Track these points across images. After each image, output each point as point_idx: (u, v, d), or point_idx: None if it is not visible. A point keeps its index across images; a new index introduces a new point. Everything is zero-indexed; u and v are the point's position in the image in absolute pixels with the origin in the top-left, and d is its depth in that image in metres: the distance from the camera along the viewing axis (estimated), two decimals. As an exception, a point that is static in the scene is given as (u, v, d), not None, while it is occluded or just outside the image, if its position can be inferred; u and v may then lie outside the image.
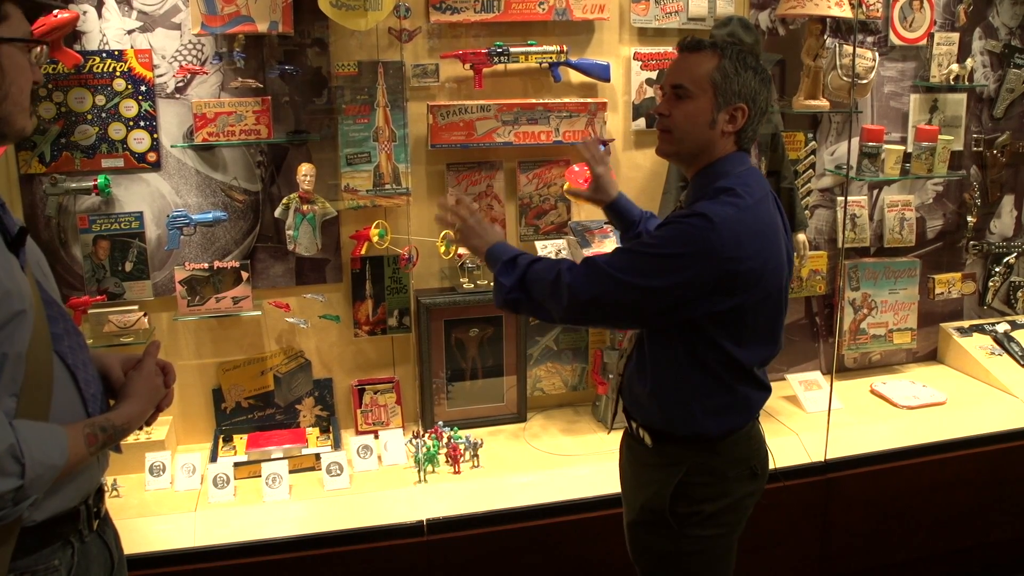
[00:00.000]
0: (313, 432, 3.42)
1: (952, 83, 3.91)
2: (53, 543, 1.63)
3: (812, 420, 3.58)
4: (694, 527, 2.22)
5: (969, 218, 4.18)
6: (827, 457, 3.35)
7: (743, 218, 2.03)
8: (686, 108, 2.12)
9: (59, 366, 1.61)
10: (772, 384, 2.32)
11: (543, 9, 3.34)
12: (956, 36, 3.91)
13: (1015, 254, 4.27)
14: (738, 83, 2.08)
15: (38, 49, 1.61)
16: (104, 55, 3.07)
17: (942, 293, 4.17)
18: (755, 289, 2.06)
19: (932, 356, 4.31)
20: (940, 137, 3.79)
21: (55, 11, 2.87)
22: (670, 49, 3.55)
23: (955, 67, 3.89)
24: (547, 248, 3.48)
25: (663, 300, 2.04)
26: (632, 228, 2.62)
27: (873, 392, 3.90)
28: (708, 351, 2.12)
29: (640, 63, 3.54)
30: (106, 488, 2.16)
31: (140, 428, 1.82)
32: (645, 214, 2.65)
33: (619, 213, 2.64)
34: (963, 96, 4.05)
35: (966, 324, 4.29)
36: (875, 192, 4.02)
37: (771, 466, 2.37)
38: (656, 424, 2.26)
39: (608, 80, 3.47)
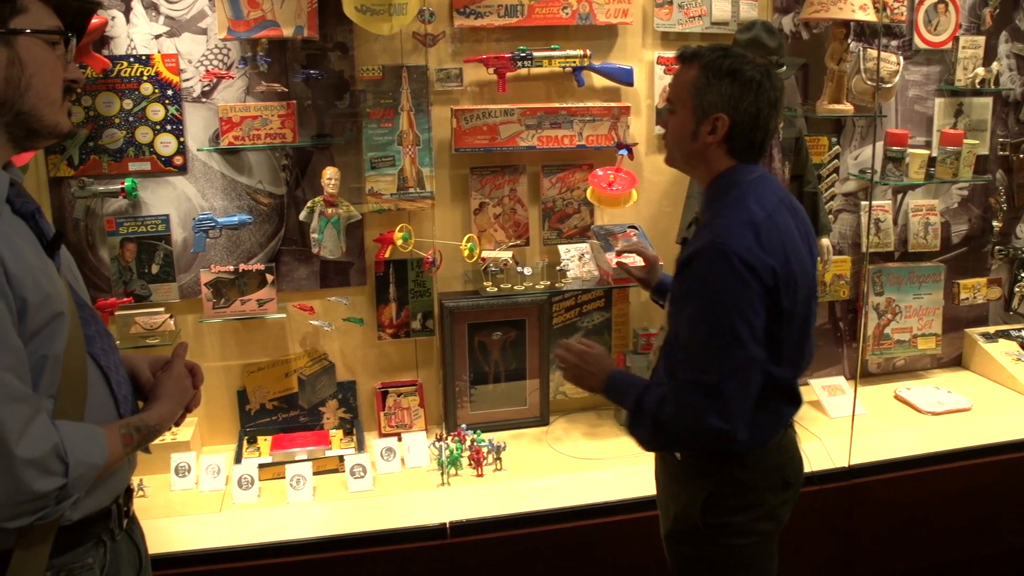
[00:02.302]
0: (337, 434, 3.44)
1: (978, 87, 3.89)
2: (87, 542, 1.65)
3: (836, 425, 3.57)
4: (727, 537, 2.18)
5: (995, 223, 4.15)
6: (851, 463, 3.34)
7: (759, 236, 1.99)
8: (673, 121, 2.15)
9: (93, 368, 1.64)
10: None
11: (566, 13, 3.35)
12: (982, 39, 3.89)
13: (1041, 259, 4.25)
14: (713, 92, 2.04)
15: (65, 45, 1.61)
16: (132, 60, 3.10)
17: (967, 298, 4.14)
18: (789, 301, 2.03)
19: (957, 362, 4.28)
20: (965, 141, 3.77)
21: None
22: (693, 53, 3.55)
23: (981, 71, 3.87)
24: (570, 252, 3.49)
25: (755, 349, 1.98)
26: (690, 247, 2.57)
27: (897, 398, 3.88)
28: None
29: (663, 67, 3.54)
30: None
31: (169, 428, 1.84)
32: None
33: (661, 290, 2.58)
34: (989, 100, 4.02)
35: (991, 330, 4.26)
36: (899, 196, 4.01)
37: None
38: None
39: (631, 84, 3.47)
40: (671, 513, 2.29)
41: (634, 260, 2.68)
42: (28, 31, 1.52)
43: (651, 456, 2.39)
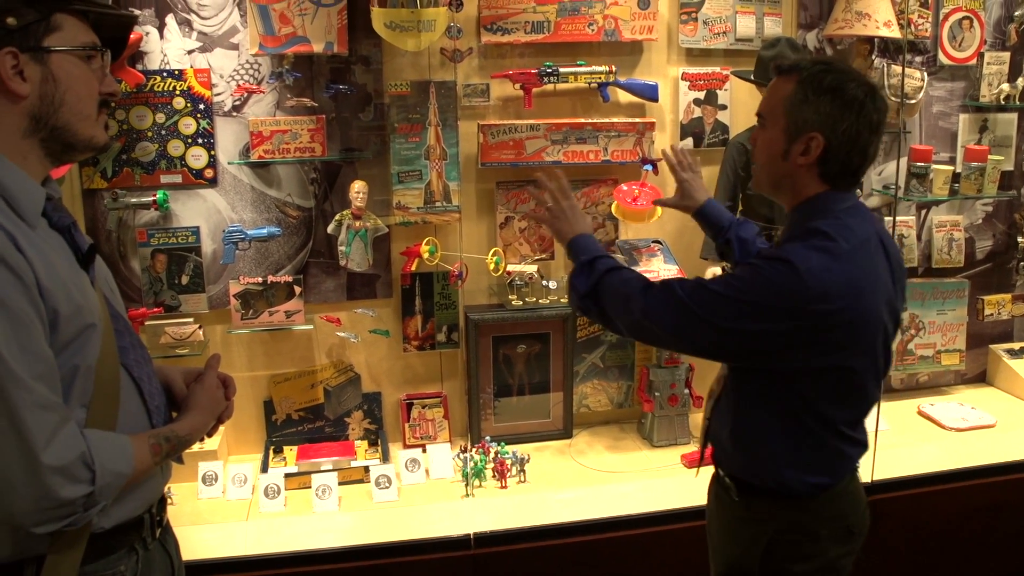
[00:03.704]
0: (362, 445, 3.47)
1: (1003, 103, 3.89)
2: (119, 550, 1.67)
3: (859, 440, 3.56)
4: None
5: (1019, 239, 4.13)
6: (873, 478, 3.33)
7: (833, 266, 1.85)
8: (763, 138, 2.01)
9: (125, 378, 1.66)
10: None
11: (592, 30, 3.38)
12: (1007, 55, 3.89)
13: (1066, 276, 4.23)
14: (810, 110, 1.89)
15: (101, 58, 1.64)
16: (165, 74, 3.15)
17: (991, 314, 4.13)
18: (847, 348, 1.90)
19: (981, 378, 4.27)
20: (990, 157, 3.76)
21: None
22: (718, 69, 3.58)
23: (1006, 86, 3.87)
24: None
25: (743, 344, 1.90)
26: (722, 235, 2.48)
27: (920, 414, 3.87)
28: (798, 404, 1.97)
29: (688, 83, 3.57)
30: (166, 497, 2.22)
31: (201, 440, 1.87)
32: (736, 220, 2.49)
33: (708, 219, 2.51)
34: (1014, 116, 4.01)
35: (1016, 346, 4.24)
36: (923, 212, 4.01)
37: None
38: (742, 475, 2.12)
39: (656, 100, 3.50)
40: (726, 558, 2.19)
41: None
42: (62, 49, 1.56)
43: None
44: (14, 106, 1.53)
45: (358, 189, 3.23)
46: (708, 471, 2.35)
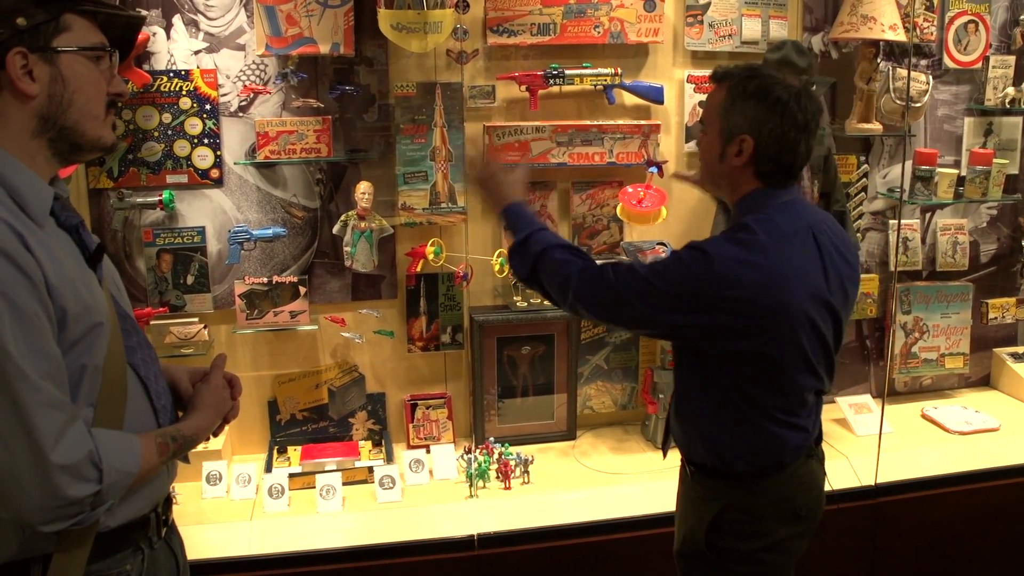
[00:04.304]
0: (366, 445, 3.48)
1: (1008, 106, 3.88)
2: (125, 549, 1.68)
3: (862, 444, 3.57)
4: (731, 563, 2.17)
5: (1024, 242, 4.15)
6: (877, 481, 3.33)
7: (748, 259, 1.96)
8: (704, 142, 2.14)
9: (132, 378, 1.67)
10: (823, 406, 2.26)
11: (598, 32, 3.38)
12: (1012, 59, 3.88)
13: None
14: (739, 113, 2.02)
15: (109, 59, 1.65)
16: (171, 75, 3.16)
17: (996, 318, 4.13)
18: (761, 336, 1.98)
19: (985, 381, 4.27)
20: (995, 161, 3.76)
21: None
22: (723, 72, 3.58)
23: (1011, 90, 3.86)
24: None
25: (664, 329, 2.10)
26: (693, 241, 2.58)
27: (924, 417, 3.88)
28: (729, 387, 2.08)
29: (693, 86, 3.57)
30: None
31: (207, 439, 1.88)
32: None
33: None
34: (1019, 119, 4.01)
35: (1020, 349, 4.24)
36: (927, 215, 4.01)
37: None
38: (693, 456, 2.25)
39: (662, 103, 3.50)
40: (683, 531, 2.29)
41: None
42: (71, 49, 1.56)
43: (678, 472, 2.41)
44: (23, 106, 1.54)
45: (363, 190, 3.24)
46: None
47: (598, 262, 2.15)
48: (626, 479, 3.34)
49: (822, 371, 2.13)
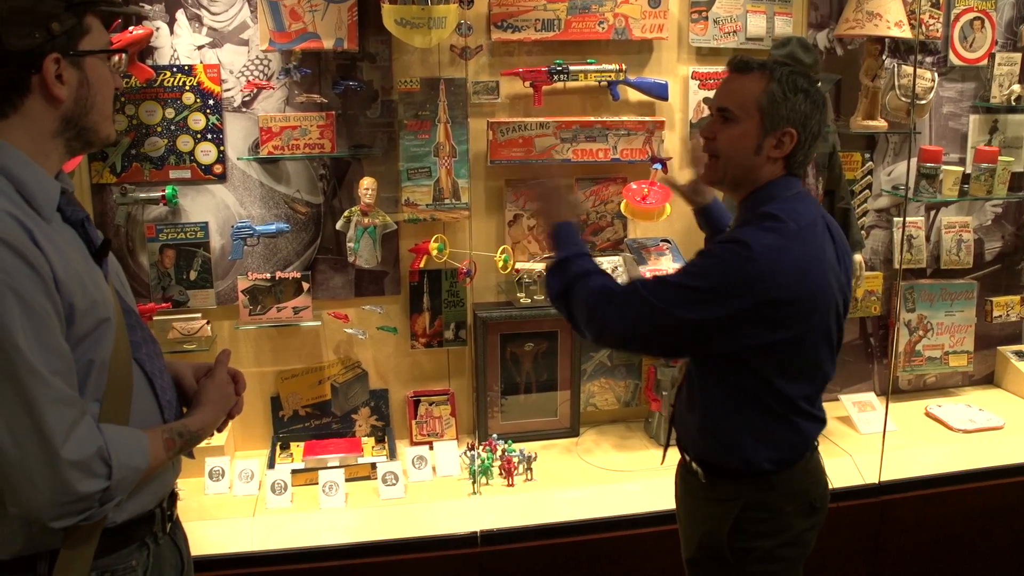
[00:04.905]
0: (368, 442, 3.47)
1: (1013, 104, 3.87)
2: (131, 544, 1.68)
3: (866, 442, 3.56)
4: (753, 563, 2.15)
5: (1029, 240, 4.14)
6: (881, 479, 3.33)
7: (786, 245, 1.96)
8: (731, 132, 2.05)
9: (138, 373, 1.67)
10: (825, 404, 2.25)
11: (603, 28, 3.37)
12: (1018, 56, 3.87)
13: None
14: (787, 107, 2.00)
15: (117, 57, 1.67)
16: (175, 70, 3.15)
17: (1000, 316, 4.12)
18: (800, 322, 1.99)
19: (989, 380, 4.26)
20: (1000, 158, 3.75)
21: (130, 28, 2.98)
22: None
23: (1016, 87, 3.85)
24: (603, 264, 3.50)
25: (700, 332, 1.98)
26: (718, 236, 2.52)
27: (928, 415, 3.87)
28: (756, 384, 2.06)
29: (698, 82, 3.56)
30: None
31: (211, 435, 1.88)
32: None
33: (709, 219, 2.56)
34: (1024, 117, 4.02)
35: (1024, 348, 4.24)
36: (932, 213, 4.00)
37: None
38: (708, 458, 2.21)
39: (666, 99, 3.49)
40: (696, 537, 2.25)
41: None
42: (94, 51, 1.57)
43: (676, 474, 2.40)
44: (52, 110, 1.55)
45: (367, 186, 3.23)
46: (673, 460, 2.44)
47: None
48: (629, 476, 3.33)
49: (835, 358, 2.17)
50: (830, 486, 2.32)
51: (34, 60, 1.50)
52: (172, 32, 3.14)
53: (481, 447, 3.36)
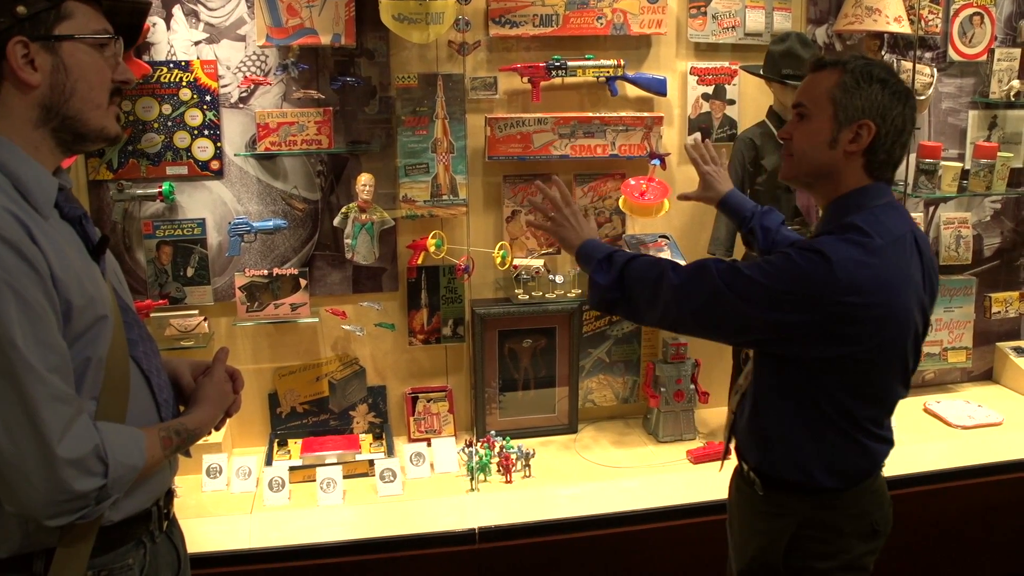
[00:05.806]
0: (366, 438, 3.47)
1: (1012, 99, 3.87)
2: (127, 543, 1.67)
3: (865, 438, 3.55)
4: None
5: (1028, 236, 4.13)
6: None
7: (866, 262, 1.85)
8: (805, 128, 1.98)
9: (135, 371, 1.66)
10: None
11: (601, 24, 3.36)
12: (1017, 52, 3.87)
13: (1075, 274, 4.21)
14: (860, 97, 1.90)
15: (113, 46, 1.62)
16: (171, 65, 3.14)
17: (999, 312, 4.11)
18: (870, 341, 1.89)
19: (988, 376, 4.26)
20: (999, 154, 3.74)
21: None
22: (727, 64, 3.56)
23: (1016, 83, 3.85)
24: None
25: (766, 332, 1.92)
26: (745, 224, 2.51)
27: (927, 411, 3.87)
28: (824, 398, 1.96)
29: (696, 78, 3.55)
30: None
31: (209, 433, 1.87)
32: (760, 208, 2.51)
33: (732, 209, 2.54)
34: (1023, 112, 4.00)
35: (1023, 343, 4.23)
36: (931, 209, 3.99)
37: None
38: (767, 469, 2.11)
39: (665, 94, 3.48)
40: (749, 551, 2.17)
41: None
42: (73, 37, 1.54)
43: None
44: (25, 96, 1.52)
45: (364, 182, 3.22)
46: (728, 467, 2.36)
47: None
48: (627, 473, 3.33)
49: (909, 382, 2.08)
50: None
51: None
52: (169, 28, 3.13)
53: (479, 444, 3.35)
